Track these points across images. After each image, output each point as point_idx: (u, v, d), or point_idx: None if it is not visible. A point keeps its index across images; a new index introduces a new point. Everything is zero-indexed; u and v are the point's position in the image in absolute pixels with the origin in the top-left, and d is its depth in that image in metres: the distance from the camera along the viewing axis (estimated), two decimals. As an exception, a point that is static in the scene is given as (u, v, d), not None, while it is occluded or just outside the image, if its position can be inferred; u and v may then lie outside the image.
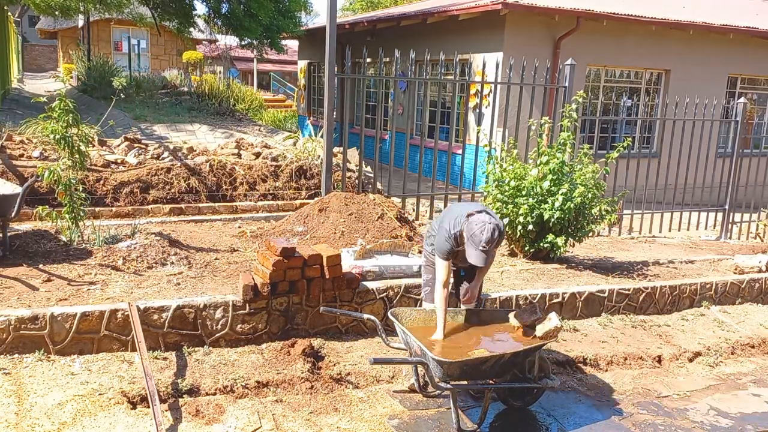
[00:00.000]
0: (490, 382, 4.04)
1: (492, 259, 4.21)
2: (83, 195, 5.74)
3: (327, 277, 4.76)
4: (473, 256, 4.05)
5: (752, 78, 14.88)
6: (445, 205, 8.14)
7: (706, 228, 9.65)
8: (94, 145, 8.34)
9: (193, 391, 3.99)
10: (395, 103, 15.08)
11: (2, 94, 15.06)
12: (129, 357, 4.23)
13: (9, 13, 18.86)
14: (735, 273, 6.89)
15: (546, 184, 6.32)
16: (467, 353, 3.93)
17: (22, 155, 7.74)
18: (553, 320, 4.11)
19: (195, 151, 8.77)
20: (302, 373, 4.29)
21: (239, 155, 8.76)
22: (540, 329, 4.12)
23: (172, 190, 7.70)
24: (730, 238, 9.70)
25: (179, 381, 4.02)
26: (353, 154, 9.20)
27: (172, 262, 5.32)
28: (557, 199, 6.20)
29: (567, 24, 12.19)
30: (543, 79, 8.73)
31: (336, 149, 8.20)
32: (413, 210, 8.05)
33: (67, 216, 5.58)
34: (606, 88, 13.60)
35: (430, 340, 4.08)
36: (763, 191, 10.09)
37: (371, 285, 5.07)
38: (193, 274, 5.12)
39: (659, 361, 5.20)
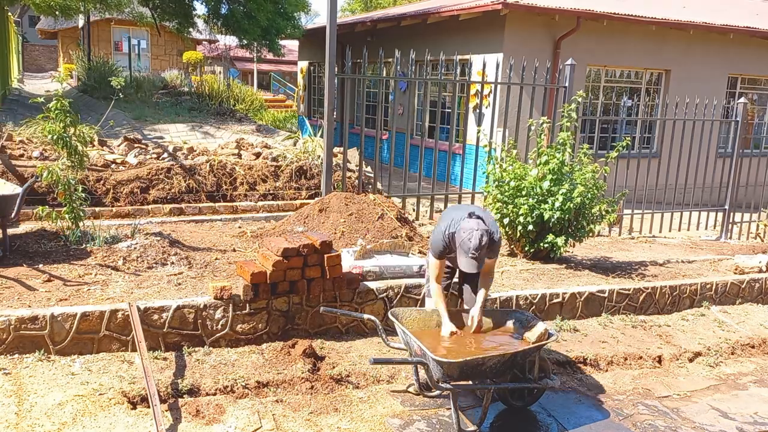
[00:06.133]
0: (490, 382, 4.05)
1: (486, 265, 4.20)
2: (83, 195, 5.74)
3: (327, 277, 4.76)
4: (463, 263, 4.06)
5: (752, 78, 14.88)
6: (445, 206, 8.14)
7: (706, 228, 9.65)
8: (94, 145, 8.34)
9: (194, 391, 3.99)
10: (395, 103, 15.07)
11: (2, 94, 15.06)
12: (129, 357, 4.23)
13: (9, 13, 18.86)
14: (735, 273, 6.88)
15: (546, 184, 6.32)
16: (467, 353, 3.94)
17: (22, 155, 7.74)
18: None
19: (195, 151, 8.77)
20: (302, 373, 4.29)
21: (239, 155, 8.76)
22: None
23: (173, 190, 7.70)
24: (731, 238, 9.70)
25: (179, 381, 4.02)
26: (353, 154, 9.20)
27: (173, 262, 5.32)
28: (557, 199, 6.20)
29: (567, 24, 12.19)
30: (543, 79, 8.73)
31: (336, 149, 8.20)
32: (413, 210, 8.05)
33: (67, 216, 5.58)
34: (606, 88, 13.60)
35: (441, 338, 4.14)
36: (764, 191, 10.08)
37: (371, 285, 5.07)
38: (193, 274, 5.12)
39: (659, 361, 5.20)
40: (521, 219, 6.34)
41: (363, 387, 4.33)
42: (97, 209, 7.02)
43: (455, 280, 4.78)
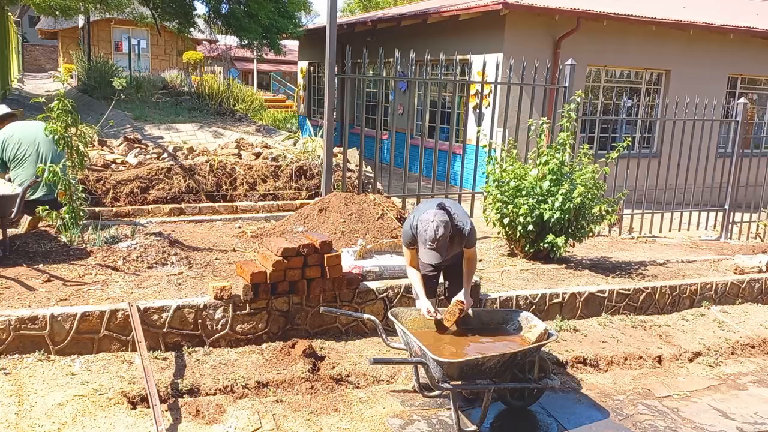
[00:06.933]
0: (490, 382, 4.05)
1: (467, 253, 4.25)
2: (83, 195, 5.74)
3: (327, 277, 4.76)
4: (423, 254, 4.09)
5: (752, 78, 14.88)
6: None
7: (706, 228, 9.65)
8: (94, 145, 8.34)
9: (193, 391, 3.99)
10: (395, 103, 15.07)
11: (2, 94, 15.07)
12: (129, 357, 4.23)
13: (9, 13, 18.87)
14: (735, 273, 6.88)
15: (546, 184, 6.32)
16: (467, 354, 3.94)
17: (22, 155, 7.73)
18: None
19: (195, 151, 8.78)
20: (302, 373, 4.29)
21: (239, 155, 8.76)
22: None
23: (172, 190, 7.70)
24: (731, 238, 9.70)
25: (179, 381, 4.02)
26: (353, 154, 9.20)
27: (173, 262, 5.32)
28: (557, 199, 6.20)
29: (567, 24, 12.19)
30: (543, 79, 8.73)
31: (336, 149, 8.20)
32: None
33: (67, 216, 5.58)
34: (606, 88, 13.60)
35: (441, 337, 4.16)
36: (764, 191, 10.09)
37: (371, 285, 5.07)
38: (193, 274, 5.12)
39: (659, 361, 5.20)
40: (521, 219, 6.35)
41: (363, 387, 4.33)
42: (97, 209, 7.02)
43: (441, 280, 4.77)
